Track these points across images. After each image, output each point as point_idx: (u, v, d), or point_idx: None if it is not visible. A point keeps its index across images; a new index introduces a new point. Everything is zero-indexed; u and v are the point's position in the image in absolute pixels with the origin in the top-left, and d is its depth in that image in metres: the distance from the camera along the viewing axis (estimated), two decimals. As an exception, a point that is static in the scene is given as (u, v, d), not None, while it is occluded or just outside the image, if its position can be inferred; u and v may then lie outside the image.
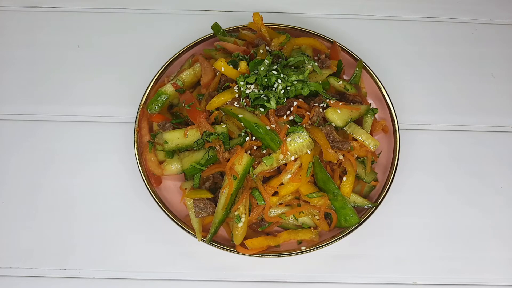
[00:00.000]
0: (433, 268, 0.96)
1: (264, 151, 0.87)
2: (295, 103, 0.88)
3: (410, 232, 0.98)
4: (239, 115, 0.86)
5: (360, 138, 0.91)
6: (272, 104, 0.85)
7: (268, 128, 0.85)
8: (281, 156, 0.84)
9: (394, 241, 0.97)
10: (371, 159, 0.94)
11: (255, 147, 0.88)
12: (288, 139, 0.84)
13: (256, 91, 0.87)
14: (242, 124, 0.87)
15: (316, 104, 0.90)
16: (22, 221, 0.98)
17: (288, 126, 0.85)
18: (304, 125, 0.87)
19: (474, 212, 1.00)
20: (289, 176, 0.86)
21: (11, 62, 1.11)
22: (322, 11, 1.18)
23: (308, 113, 0.88)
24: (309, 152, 0.85)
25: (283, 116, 0.88)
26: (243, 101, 0.88)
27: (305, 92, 0.88)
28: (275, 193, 0.87)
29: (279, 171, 0.88)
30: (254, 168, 0.86)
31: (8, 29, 1.14)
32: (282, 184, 0.87)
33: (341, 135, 0.91)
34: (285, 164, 0.87)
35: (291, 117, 0.87)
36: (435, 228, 0.99)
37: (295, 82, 0.88)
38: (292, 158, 0.84)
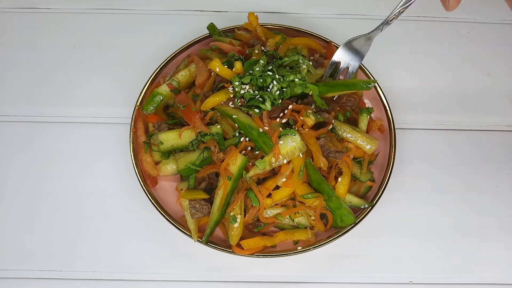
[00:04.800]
0: (430, 268, 0.96)
1: (257, 152, 0.87)
2: (290, 106, 0.87)
3: (406, 231, 0.98)
4: (233, 116, 0.86)
5: (357, 142, 0.91)
6: (267, 105, 0.85)
7: (261, 130, 0.85)
8: (273, 159, 0.84)
9: (391, 241, 0.97)
10: (368, 160, 0.94)
11: (249, 148, 0.88)
12: (281, 142, 0.84)
13: (251, 91, 0.87)
14: (236, 124, 0.87)
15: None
16: (19, 223, 0.97)
17: (280, 129, 0.85)
18: (296, 128, 0.87)
19: (471, 211, 1.00)
20: (284, 179, 0.86)
21: (7, 64, 1.11)
22: (317, 11, 1.18)
23: (301, 118, 0.88)
24: (301, 155, 0.85)
25: (276, 117, 0.87)
26: (238, 101, 0.87)
27: (298, 90, 0.88)
28: (271, 194, 0.87)
29: (274, 172, 0.88)
30: (247, 171, 0.85)
31: (3, 30, 1.14)
32: (277, 186, 0.86)
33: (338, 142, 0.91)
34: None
35: (284, 120, 0.87)
36: (431, 227, 0.99)
37: (296, 80, 0.88)
38: (285, 161, 0.84)
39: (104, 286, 0.94)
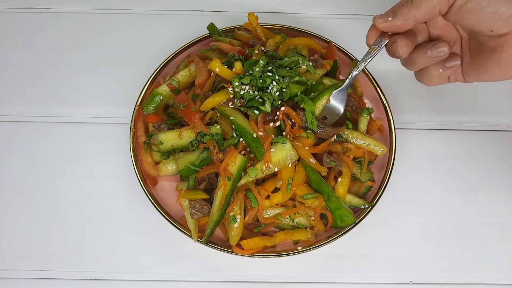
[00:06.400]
0: (430, 268, 0.96)
1: (253, 154, 0.87)
2: (282, 108, 0.86)
3: (406, 231, 0.98)
4: (231, 117, 0.86)
5: (370, 147, 0.91)
6: (267, 107, 0.85)
7: (255, 135, 0.84)
8: (264, 167, 0.84)
9: (391, 241, 0.97)
10: (368, 160, 0.94)
11: (248, 149, 0.87)
12: (272, 149, 0.84)
13: (251, 92, 0.87)
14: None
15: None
16: (19, 223, 0.98)
17: (273, 136, 0.85)
18: (288, 136, 0.86)
19: (471, 211, 1.00)
20: (281, 182, 0.85)
21: (7, 64, 1.11)
22: (318, 11, 1.17)
23: (290, 121, 0.87)
24: (290, 165, 0.85)
25: (271, 121, 0.87)
26: (237, 101, 0.87)
27: (294, 90, 0.88)
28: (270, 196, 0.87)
29: (274, 172, 0.88)
30: (246, 172, 0.85)
31: (3, 30, 1.14)
32: (276, 188, 0.86)
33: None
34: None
35: (278, 123, 0.87)
36: (431, 227, 0.99)
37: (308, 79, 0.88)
38: (276, 169, 0.84)
39: (104, 286, 0.94)
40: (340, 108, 0.89)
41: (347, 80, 0.86)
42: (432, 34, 0.76)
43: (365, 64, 0.81)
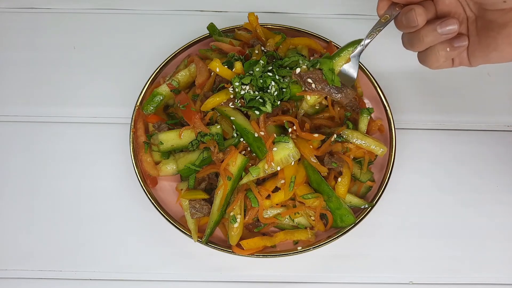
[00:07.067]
0: (430, 268, 0.96)
1: (254, 154, 0.87)
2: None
3: (406, 231, 0.98)
4: (231, 118, 0.86)
5: (371, 147, 0.91)
6: (268, 108, 0.85)
7: (256, 135, 0.84)
8: (266, 166, 0.84)
9: (391, 241, 0.97)
10: (368, 160, 0.94)
11: (249, 148, 0.87)
12: (275, 148, 0.84)
13: (252, 92, 0.87)
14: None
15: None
16: (19, 223, 0.98)
17: (275, 135, 0.85)
18: (290, 135, 0.86)
19: (471, 211, 1.00)
20: (282, 181, 0.86)
21: (7, 64, 1.11)
22: (318, 11, 1.17)
23: (294, 128, 0.87)
24: (292, 164, 0.85)
25: (273, 120, 0.87)
26: (238, 102, 0.87)
27: (294, 90, 0.88)
28: (270, 195, 0.87)
29: (274, 172, 0.88)
30: (247, 172, 0.85)
31: (3, 30, 1.14)
32: (276, 187, 0.87)
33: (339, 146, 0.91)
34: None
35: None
36: (431, 227, 0.99)
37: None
38: (278, 168, 0.84)
39: (104, 286, 0.94)
40: (354, 73, 0.87)
41: (359, 47, 0.85)
42: (439, 12, 0.72)
43: (377, 33, 0.79)
